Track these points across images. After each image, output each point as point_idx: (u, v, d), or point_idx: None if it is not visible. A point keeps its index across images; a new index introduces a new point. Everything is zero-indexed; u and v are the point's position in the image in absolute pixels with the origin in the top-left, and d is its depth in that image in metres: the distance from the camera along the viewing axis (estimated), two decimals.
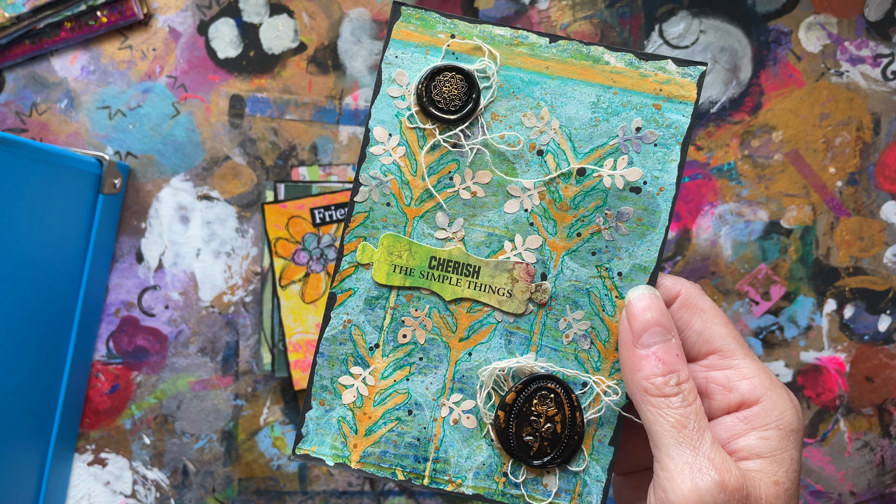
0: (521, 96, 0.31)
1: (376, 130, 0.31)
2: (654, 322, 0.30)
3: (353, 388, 0.31)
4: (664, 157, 0.30)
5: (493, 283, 0.31)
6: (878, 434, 0.53)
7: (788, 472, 0.29)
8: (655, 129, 0.31)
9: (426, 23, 0.31)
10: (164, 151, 0.51)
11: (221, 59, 0.51)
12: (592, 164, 0.31)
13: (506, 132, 0.31)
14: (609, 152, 0.31)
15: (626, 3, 0.52)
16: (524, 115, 0.31)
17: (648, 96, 0.31)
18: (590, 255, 0.31)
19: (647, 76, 0.31)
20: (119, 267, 0.52)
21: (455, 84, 0.30)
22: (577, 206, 0.31)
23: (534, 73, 0.31)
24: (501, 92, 0.31)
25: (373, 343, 0.31)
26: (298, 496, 0.52)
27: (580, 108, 0.31)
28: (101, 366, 0.52)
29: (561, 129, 0.31)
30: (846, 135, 0.52)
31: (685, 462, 0.28)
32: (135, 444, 0.52)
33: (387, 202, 0.31)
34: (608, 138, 0.31)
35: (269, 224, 0.50)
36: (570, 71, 0.31)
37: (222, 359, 0.52)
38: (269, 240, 0.50)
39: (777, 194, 0.52)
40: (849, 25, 0.52)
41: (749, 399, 0.30)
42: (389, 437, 0.31)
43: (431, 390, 0.31)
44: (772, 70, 0.52)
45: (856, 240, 0.52)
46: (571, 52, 0.31)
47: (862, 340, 0.53)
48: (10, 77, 0.51)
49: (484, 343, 0.31)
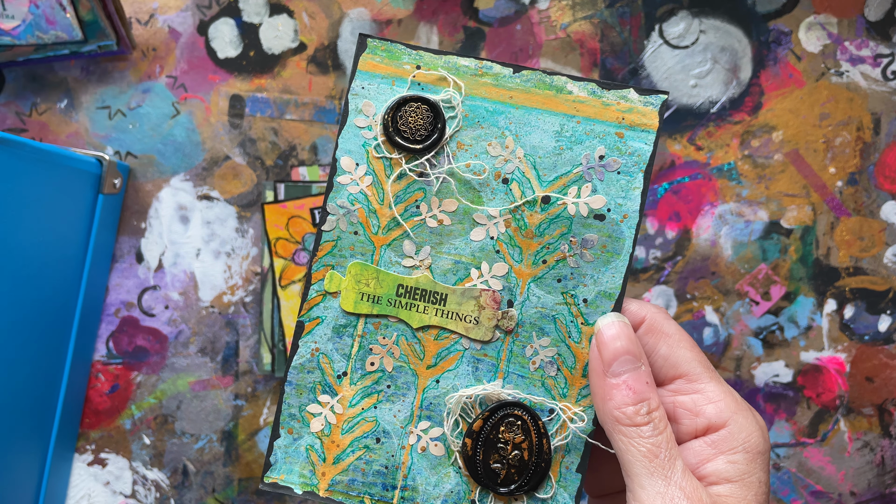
0: (486, 126, 0.31)
1: (343, 160, 0.31)
2: (624, 350, 0.30)
3: (322, 417, 0.31)
4: (627, 185, 0.31)
5: (460, 311, 0.31)
6: (879, 434, 0.53)
7: (758, 496, 0.29)
8: (618, 157, 0.31)
9: (392, 54, 0.31)
10: (164, 151, 0.51)
11: (221, 59, 0.51)
12: (557, 192, 0.31)
13: (471, 161, 0.31)
14: (573, 180, 0.31)
15: (626, 3, 0.52)
16: (489, 144, 0.31)
17: (611, 125, 0.31)
18: (555, 282, 0.31)
19: (610, 105, 0.31)
20: (119, 267, 0.52)
21: (421, 114, 0.31)
22: (543, 234, 0.31)
23: (498, 102, 0.31)
24: (466, 122, 0.31)
25: (341, 371, 0.31)
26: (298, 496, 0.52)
27: (544, 137, 0.31)
28: (101, 366, 0.52)
29: (525, 157, 0.31)
30: (846, 135, 0.52)
31: (657, 492, 0.28)
32: (135, 445, 0.52)
33: (354, 231, 0.31)
34: (572, 166, 0.31)
35: (269, 224, 0.50)
36: (533, 100, 0.31)
37: (222, 359, 0.52)
38: (269, 240, 0.50)
39: (777, 194, 0.52)
40: (849, 25, 0.52)
41: (716, 423, 0.30)
42: (358, 465, 0.31)
43: (399, 418, 0.31)
44: (772, 70, 0.52)
45: (856, 240, 0.52)
46: (535, 82, 0.31)
47: (862, 340, 0.53)
48: (10, 77, 0.51)
49: (451, 370, 0.31)
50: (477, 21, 0.52)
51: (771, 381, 0.52)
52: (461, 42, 0.52)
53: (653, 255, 0.52)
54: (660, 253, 0.52)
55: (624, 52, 0.52)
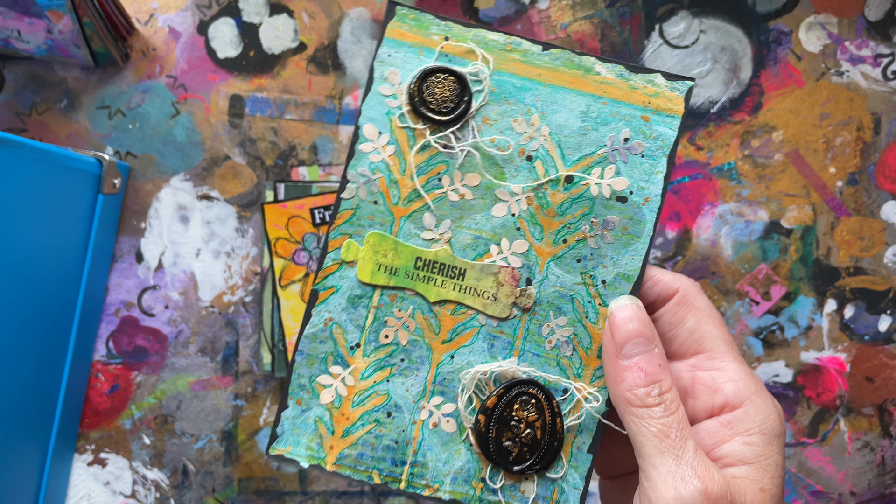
0: (513, 102, 0.31)
1: (366, 128, 0.31)
2: (636, 333, 0.30)
3: (332, 388, 0.31)
4: (651, 169, 0.31)
5: (479, 287, 0.31)
6: (879, 434, 0.53)
7: (774, 478, 0.29)
8: (643, 140, 0.31)
9: (421, 24, 0.31)
10: (164, 151, 0.51)
11: (221, 59, 0.51)
12: (580, 171, 0.31)
13: (496, 136, 0.31)
14: (597, 161, 0.31)
15: (626, 3, 0.52)
16: (515, 121, 0.31)
17: (637, 108, 0.31)
18: (575, 262, 0.31)
19: (637, 88, 0.31)
20: (119, 267, 0.52)
21: (447, 86, 0.31)
22: (564, 213, 0.31)
23: (526, 79, 0.31)
24: (493, 96, 0.31)
25: (354, 342, 0.31)
26: (298, 496, 0.52)
27: (570, 117, 0.31)
28: (100, 366, 0.52)
29: (551, 135, 0.31)
30: (846, 135, 0.52)
31: (668, 471, 0.28)
32: (135, 445, 0.52)
33: (374, 200, 0.31)
34: (597, 147, 0.31)
35: (269, 224, 0.50)
36: (561, 79, 0.31)
37: (222, 359, 0.52)
38: (269, 240, 0.50)
39: (777, 194, 0.52)
40: (849, 25, 0.52)
41: (733, 402, 0.30)
42: (367, 439, 0.31)
43: (412, 392, 0.31)
44: (772, 70, 0.52)
45: (856, 240, 0.52)
46: (563, 61, 0.31)
47: (862, 340, 0.53)
48: (9, 77, 0.51)
49: (467, 346, 0.31)
50: (477, 21, 0.52)
51: (771, 381, 0.52)
52: None
53: (653, 255, 0.52)
54: (660, 253, 0.52)
55: (624, 52, 0.52)
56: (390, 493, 0.52)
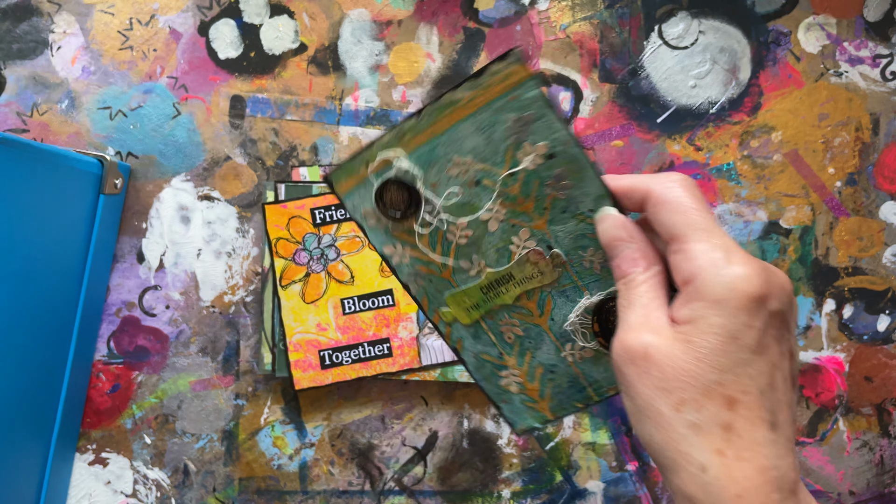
0: (435, 162, 0.39)
1: (385, 249, 0.40)
2: (609, 238, 0.36)
3: (511, 382, 0.42)
4: (547, 124, 0.38)
5: (526, 274, 0.40)
6: (877, 433, 0.53)
7: (708, 338, 0.30)
8: (525, 112, 0.38)
9: (350, 170, 0.39)
10: (165, 152, 0.52)
11: (222, 60, 0.52)
12: (512, 165, 0.39)
13: (448, 191, 0.39)
14: (514, 148, 0.39)
15: (625, 4, 0.52)
16: (448, 171, 0.39)
17: (501, 97, 0.38)
18: (563, 214, 0.39)
19: (490, 86, 0.38)
20: (120, 267, 0.52)
21: (393, 191, 0.39)
22: (528, 194, 0.39)
23: (428, 142, 0.39)
24: (423, 169, 0.39)
25: (497, 354, 0.42)
26: (299, 495, 0.52)
27: (473, 139, 0.39)
28: (102, 365, 0.52)
29: (474, 160, 0.39)
30: (845, 135, 0.52)
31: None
32: (136, 444, 0.52)
33: (429, 280, 0.41)
34: (505, 141, 0.39)
35: (269, 224, 0.50)
36: (446, 122, 0.39)
37: (223, 358, 0.52)
38: (270, 240, 0.50)
39: (776, 194, 0.52)
40: (848, 26, 0.52)
41: (687, 279, 0.32)
42: (555, 390, 0.41)
43: (552, 352, 0.41)
44: (771, 70, 0.52)
45: (855, 240, 0.52)
46: (436, 111, 0.38)
47: (861, 340, 0.53)
48: (11, 78, 0.51)
49: (555, 308, 0.41)
50: (477, 22, 0.52)
51: None
52: (461, 43, 0.52)
53: None
54: None
55: (623, 53, 0.52)
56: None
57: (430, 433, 0.52)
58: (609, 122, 0.52)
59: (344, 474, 0.52)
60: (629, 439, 0.52)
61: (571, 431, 0.53)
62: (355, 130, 0.52)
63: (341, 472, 0.52)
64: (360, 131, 0.52)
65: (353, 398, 0.52)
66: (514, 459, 0.52)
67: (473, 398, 0.52)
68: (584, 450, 0.53)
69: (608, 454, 0.53)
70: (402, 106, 0.52)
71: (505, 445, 0.52)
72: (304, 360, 0.50)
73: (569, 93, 0.52)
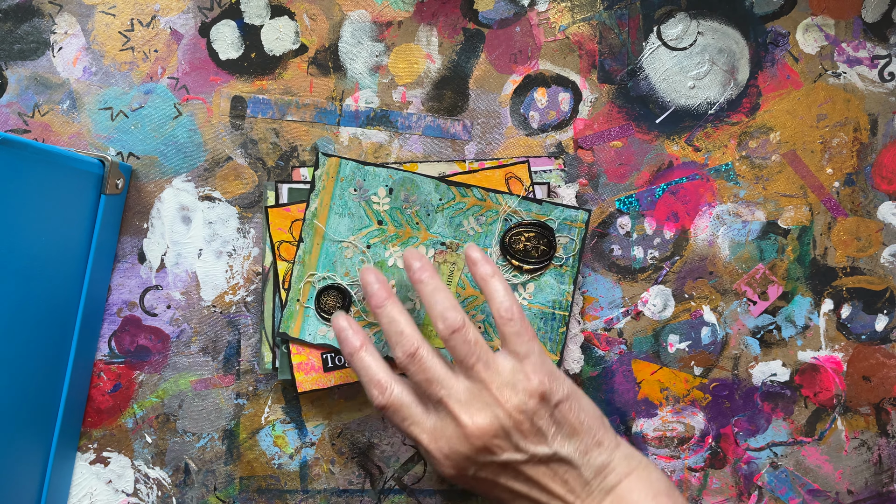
0: (334, 257, 0.50)
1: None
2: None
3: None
4: (372, 174, 0.50)
5: (445, 272, 0.50)
6: (876, 433, 0.53)
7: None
8: (353, 180, 0.50)
9: (289, 315, 0.51)
10: (166, 152, 0.52)
11: (223, 61, 0.52)
12: (376, 216, 0.50)
13: (356, 268, 0.51)
14: (368, 205, 0.50)
15: (624, 5, 0.52)
16: (345, 255, 0.50)
17: (336, 185, 0.51)
18: (428, 216, 0.50)
19: (325, 185, 0.50)
20: (121, 267, 0.52)
21: (326, 299, 0.51)
22: (400, 223, 0.50)
23: (321, 250, 0.50)
24: (331, 270, 0.51)
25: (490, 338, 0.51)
26: (299, 494, 0.52)
27: (343, 223, 0.50)
28: (103, 365, 0.52)
29: (353, 234, 0.50)
30: (843, 136, 0.52)
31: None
32: (137, 443, 0.52)
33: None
34: (360, 207, 0.50)
35: (272, 227, 0.50)
36: (320, 229, 0.50)
37: (224, 358, 0.52)
38: (273, 243, 0.50)
39: (774, 195, 0.52)
40: (846, 27, 0.52)
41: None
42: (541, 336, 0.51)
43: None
44: (769, 71, 0.52)
45: (853, 240, 0.53)
46: (309, 227, 0.50)
47: (859, 340, 0.53)
48: (12, 78, 0.51)
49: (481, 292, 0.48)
50: (476, 23, 0.52)
51: (768, 381, 0.53)
52: (461, 44, 0.52)
53: (651, 255, 0.52)
54: (658, 253, 0.52)
55: (622, 54, 0.52)
56: (391, 490, 0.52)
57: None
58: (608, 123, 0.52)
59: (344, 473, 0.52)
60: (627, 438, 0.53)
61: None
62: (356, 131, 0.52)
63: (342, 472, 0.52)
64: (360, 132, 0.52)
65: (353, 398, 0.52)
66: None
67: None
68: None
69: None
70: (403, 106, 0.52)
71: None
72: (306, 362, 0.50)
73: (568, 93, 0.52)
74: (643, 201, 0.52)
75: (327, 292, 0.50)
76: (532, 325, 0.46)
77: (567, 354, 0.51)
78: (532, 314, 0.50)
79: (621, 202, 0.52)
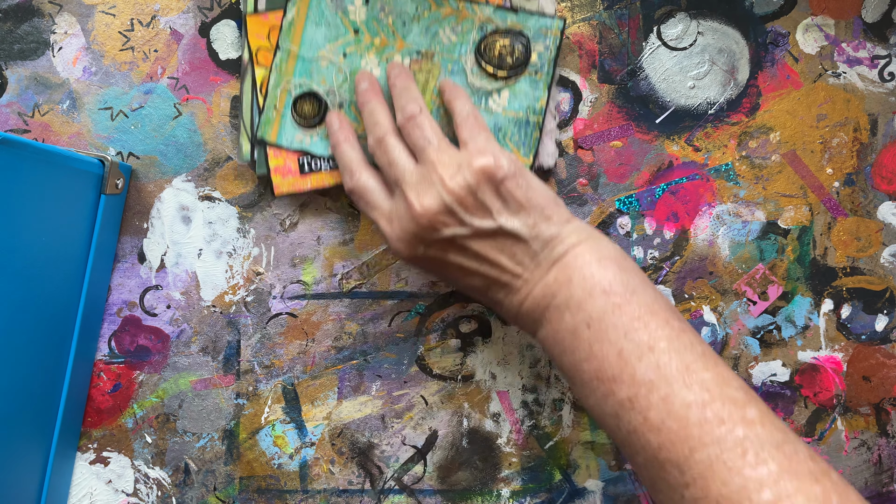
0: (311, 66, 0.51)
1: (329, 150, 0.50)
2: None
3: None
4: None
5: (421, 81, 0.50)
6: (876, 433, 0.53)
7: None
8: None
9: (266, 122, 0.50)
10: (166, 152, 0.52)
11: (223, 61, 0.52)
12: (352, 26, 0.50)
13: (332, 75, 0.51)
14: (345, 13, 0.50)
15: (624, 5, 0.52)
16: (321, 65, 0.51)
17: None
18: (404, 25, 0.50)
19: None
20: (121, 267, 0.52)
21: (303, 105, 0.51)
22: (376, 32, 0.50)
23: (298, 59, 0.50)
24: (308, 77, 0.51)
25: None
26: (299, 494, 0.52)
27: (319, 32, 0.50)
28: (103, 365, 0.52)
29: (330, 43, 0.50)
30: (843, 136, 0.52)
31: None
32: (136, 443, 0.52)
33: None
34: (336, 15, 0.50)
35: (250, 35, 0.50)
36: (297, 37, 0.50)
37: (224, 358, 0.52)
38: (251, 49, 0.50)
39: (774, 195, 0.52)
40: (846, 27, 0.52)
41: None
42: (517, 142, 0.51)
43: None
44: (769, 71, 0.52)
45: (853, 240, 0.53)
46: (286, 36, 0.50)
47: (859, 340, 0.53)
48: (12, 78, 0.51)
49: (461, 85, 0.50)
50: None
51: (768, 381, 0.53)
52: None
53: (650, 255, 0.52)
54: (657, 253, 0.52)
55: (622, 54, 0.52)
56: (391, 490, 0.52)
57: (429, 432, 0.53)
58: (608, 123, 0.52)
59: (344, 473, 0.52)
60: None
61: (570, 431, 0.53)
62: None
63: (341, 471, 0.52)
64: None
65: (353, 398, 0.52)
66: (513, 458, 0.53)
67: (473, 397, 0.53)
68: (584, 449, 0.53)
69: (607, 453, 0.53)
70: None
71: (504, 445, 0.53)
72: (283, 166, 0.50)
73: (568, 93, 0.52)
74: (643, 201, 0.52)
75: (304, 99, 0.50)
76: (507, 131, 0.49)
77: (541, 149, 0.51)
78: (507, 121, 0.50)
79: (621, 202, 0.52)
